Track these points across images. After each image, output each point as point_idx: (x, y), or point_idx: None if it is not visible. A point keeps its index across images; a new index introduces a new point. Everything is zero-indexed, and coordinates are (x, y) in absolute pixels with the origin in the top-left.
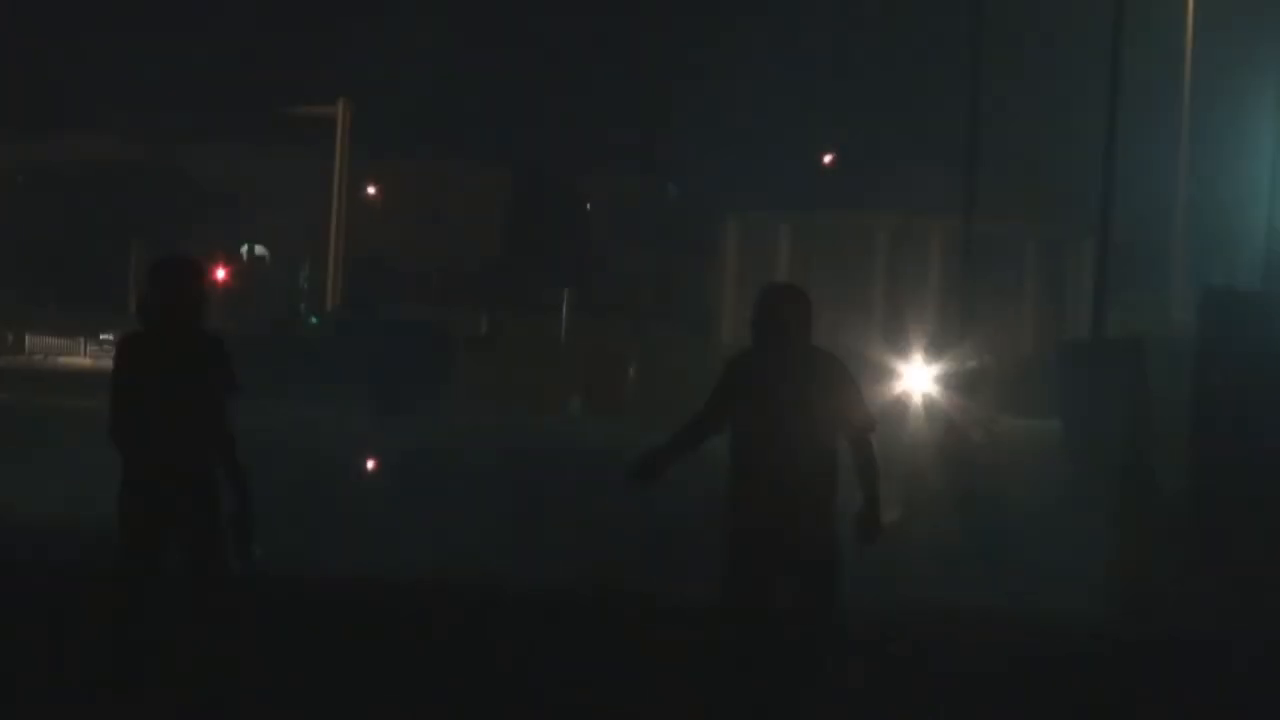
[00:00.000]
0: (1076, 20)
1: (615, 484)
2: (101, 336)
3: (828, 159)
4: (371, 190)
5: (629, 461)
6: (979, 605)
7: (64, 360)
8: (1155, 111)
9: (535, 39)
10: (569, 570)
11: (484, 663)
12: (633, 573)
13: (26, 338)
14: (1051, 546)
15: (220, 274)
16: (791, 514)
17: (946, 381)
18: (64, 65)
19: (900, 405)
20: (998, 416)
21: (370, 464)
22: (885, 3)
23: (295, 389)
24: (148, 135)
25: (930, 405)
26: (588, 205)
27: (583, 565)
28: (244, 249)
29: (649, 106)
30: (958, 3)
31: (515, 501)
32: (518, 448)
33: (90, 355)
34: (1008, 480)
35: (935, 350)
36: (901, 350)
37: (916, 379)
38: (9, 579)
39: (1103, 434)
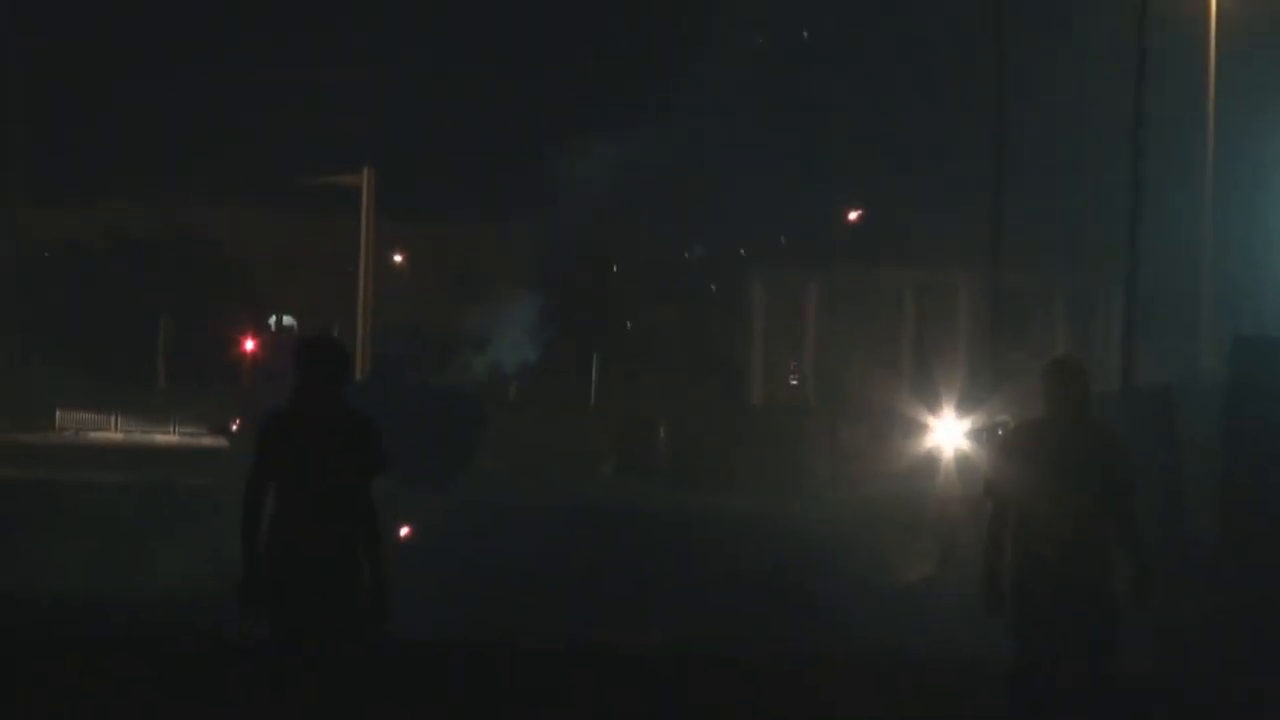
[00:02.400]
0: (1100, 72)
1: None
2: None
3: (853, 216)
4: (398, 258)
5: (982, 595)
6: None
7: (95, 435)
8: (1180, 160)
9: (558, 100)
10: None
11: None
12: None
13: (57, 413)
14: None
15: (249, 345)
16: (1078, 574)
17: (977, 436)
18: (87, 140)
19: (931, 460)
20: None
21: (408, 531)
22: (908, 59)
23: None
24: (174, 207)
25: (961, 460)
26: (614, 268)
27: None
28: (272, 319)
29: (673, 166)
30: (981, 57)
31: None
32: (576, 510)
33: (122, 430)
34: None
35: (965, 405)
36: (931, 405)
37: (947, 434)
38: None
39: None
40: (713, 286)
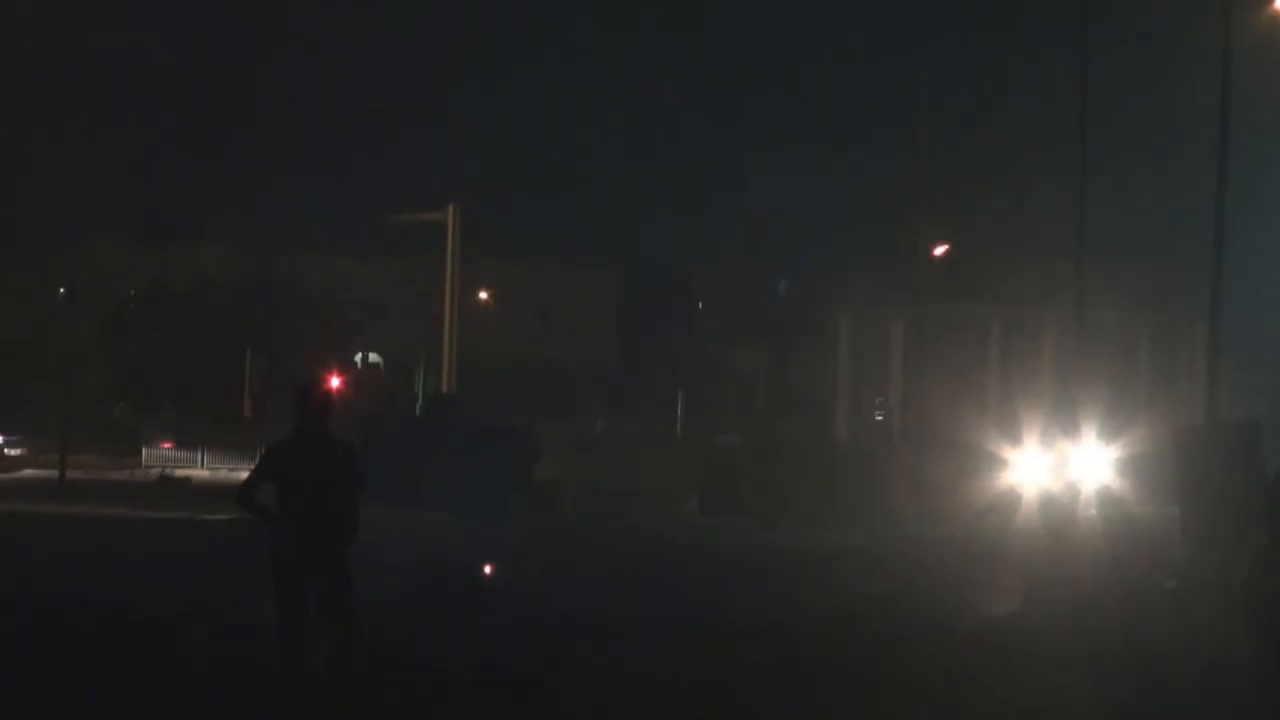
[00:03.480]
0: (1183, 107)
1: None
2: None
3: (939, 251)
4: (483, 295)
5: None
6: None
7: (180, 473)
8: (1266, 192)
9: (643, 139)
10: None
11: None
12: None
13: (143, 450)
14: (1166, 632)
15: (335, 383)
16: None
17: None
18: (173, 182)
19: (1015, 495)
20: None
21: (491, 569)
22: (990, 96)
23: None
24: (259, 246)
25: (1045, 495)
26: (699, 304)
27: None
28: (358, 357)
29: (757, 204)
30: (1066, 94)
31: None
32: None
33: (208, 468)
34: (1121, 567)
35: (1050, 440)
36: (1015, 440)
37: (1030, 469)
38: None
39: (1218, 517)
40: (799, 322)
